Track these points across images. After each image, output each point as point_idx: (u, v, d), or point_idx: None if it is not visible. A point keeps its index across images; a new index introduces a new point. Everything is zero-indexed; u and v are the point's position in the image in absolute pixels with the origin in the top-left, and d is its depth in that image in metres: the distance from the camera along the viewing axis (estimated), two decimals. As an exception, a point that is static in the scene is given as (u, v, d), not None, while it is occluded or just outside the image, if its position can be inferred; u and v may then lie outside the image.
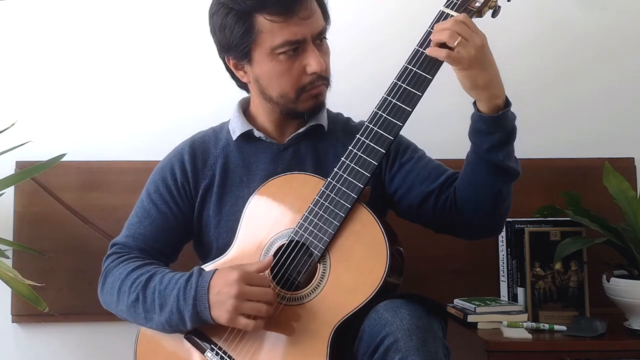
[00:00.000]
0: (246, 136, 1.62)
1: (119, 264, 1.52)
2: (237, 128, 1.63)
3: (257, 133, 1.62)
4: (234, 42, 1.52)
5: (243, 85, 1.64)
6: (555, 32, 2.20)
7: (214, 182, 1.61)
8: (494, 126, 1.40)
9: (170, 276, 1.44)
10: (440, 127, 2.09)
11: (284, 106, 1.56)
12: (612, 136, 2.18)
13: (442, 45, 1.35)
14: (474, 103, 1.43)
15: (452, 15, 1.39)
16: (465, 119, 1.48)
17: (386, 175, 1.62)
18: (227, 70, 1.63)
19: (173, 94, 2.15)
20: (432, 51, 1.37)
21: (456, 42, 1.33)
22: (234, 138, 1.63)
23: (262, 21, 1.48)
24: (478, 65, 1.35)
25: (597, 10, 2.19)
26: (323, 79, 1.54)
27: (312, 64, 1.50)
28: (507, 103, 1.41)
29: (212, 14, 1.56)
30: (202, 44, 2.07)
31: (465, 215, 1.51)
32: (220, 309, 1.36)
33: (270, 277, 1.42)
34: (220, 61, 1.63)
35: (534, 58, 2.19)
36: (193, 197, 1.61)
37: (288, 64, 1.51)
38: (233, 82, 1.68)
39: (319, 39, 1.54)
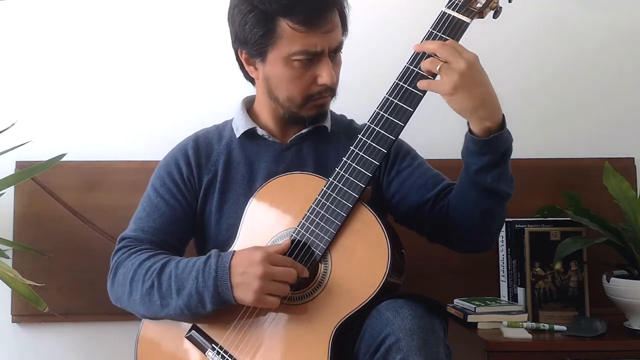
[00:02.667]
0: (249, 134, 1.63)
1: (130, 256, 1.50)
2: (240, 126, 1.63)
3: (260, 131, 1.62)
4: (252, 39, 1.51)
5: (250, 79, 1.64)
6: (555, 31, 2.20)
7: (216, 178, 1.61)
8: (485, 148, 1.38)
9: (186, 261, 1.43)
10: (440, 127, 2.08)
11: (289, 109, 1.57)
12: (612, 136, 2.19)
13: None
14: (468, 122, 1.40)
15: (454, 17, 1.38)
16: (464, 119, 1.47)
17: (384, 180, 1.63)
18: (237, 62, 1.62)
19: (173, 95, 2.14)
20: (419, 84, 1.37)
21: (437, 67, 1.33)
22: (237, 135, 1.63)
23: (284, 27, 1.48)
24: (463, 90, 1.32)
25: (597, 10, 2.19)
26: (331, 90, 1.55)
27: (324, 76, 1.51)
28: (502, 124, 1.38)
29: (234, 6, 1.54)
30: (203, 46, 2.09)
31: (457, 228, 1.51)
32: (246, 289, 1.35)
33: None
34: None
35: (533, 58, 2.19)
36: (197, 190, 1.61)
37: (301, 72, 1.51)
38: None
39: (334, 51, 1.54)
